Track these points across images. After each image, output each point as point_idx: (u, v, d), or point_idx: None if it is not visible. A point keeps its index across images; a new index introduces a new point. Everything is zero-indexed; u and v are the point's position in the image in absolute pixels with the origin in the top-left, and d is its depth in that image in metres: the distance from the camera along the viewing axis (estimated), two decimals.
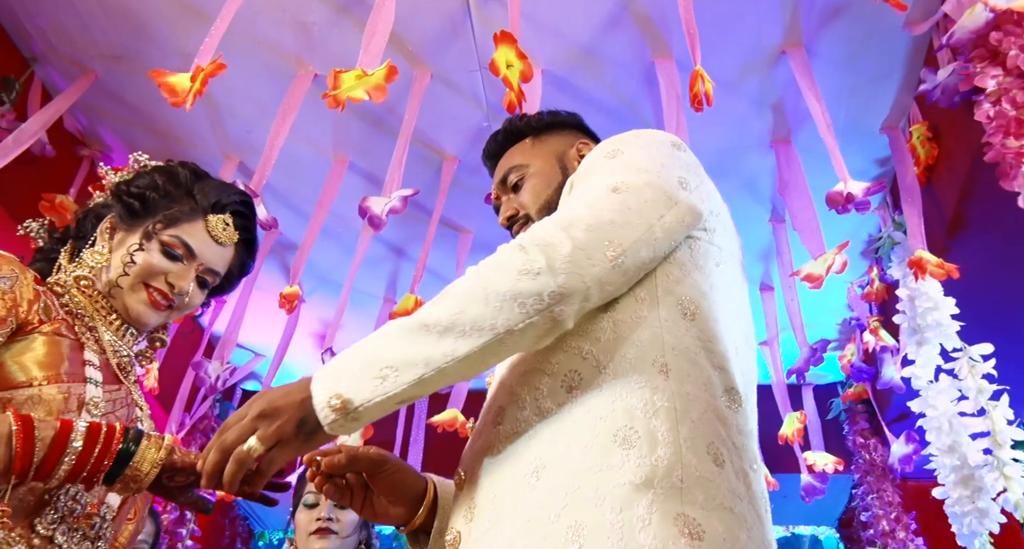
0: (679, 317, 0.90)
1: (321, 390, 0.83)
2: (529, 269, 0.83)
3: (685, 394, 0.84)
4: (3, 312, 1.07)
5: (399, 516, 1.07)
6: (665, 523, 0.74)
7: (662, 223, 0.91)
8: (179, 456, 1.04)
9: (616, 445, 0.79)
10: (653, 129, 1.09)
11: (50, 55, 2.55)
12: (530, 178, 1.22)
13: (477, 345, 0.82)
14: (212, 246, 1.29)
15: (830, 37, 2.37)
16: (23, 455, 0.95)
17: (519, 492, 0.82)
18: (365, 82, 1.79)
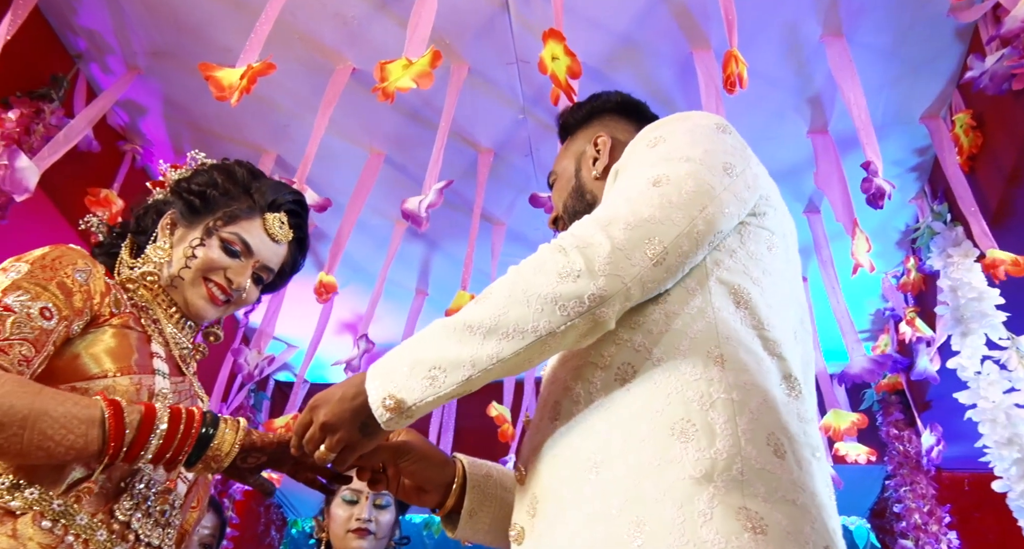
0: (732, 306, 0.89)
1: (375, 391, 0.87)
2: (569, 271, 0.83)
3: (742, 384, 0.83)
4: (80, 303, 1.10)
5: (431, 500, 1.10)
6: (727, 517, 0.74)
7: (704, 215, 0.89)
8: (257, 436, 1.08)
9: (674, 439, 0.79)
10: (696, 112, 1.06)
11: (95, 52, 2.60)
12: (556, 183, 1.25)
13: (521, 346, 0.84)
14: (268, 243, 1.31)
15: (871, 26, 2.35)
16: (115, 437, 0.98)
17: (579, 487, 0.83)
18: (411, 70, 1.80)
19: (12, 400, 0.94)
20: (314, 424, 0.94)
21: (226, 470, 1.08)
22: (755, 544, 0.71)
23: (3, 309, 1.02)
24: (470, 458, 1.14)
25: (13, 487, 0.99)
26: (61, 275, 1.10)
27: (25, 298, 1.04)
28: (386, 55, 2.52)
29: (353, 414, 0.90)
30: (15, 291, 1.05)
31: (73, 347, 1.10)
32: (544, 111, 2.72)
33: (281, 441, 1.08)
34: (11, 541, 0.95)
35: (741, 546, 0.71)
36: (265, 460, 1.09)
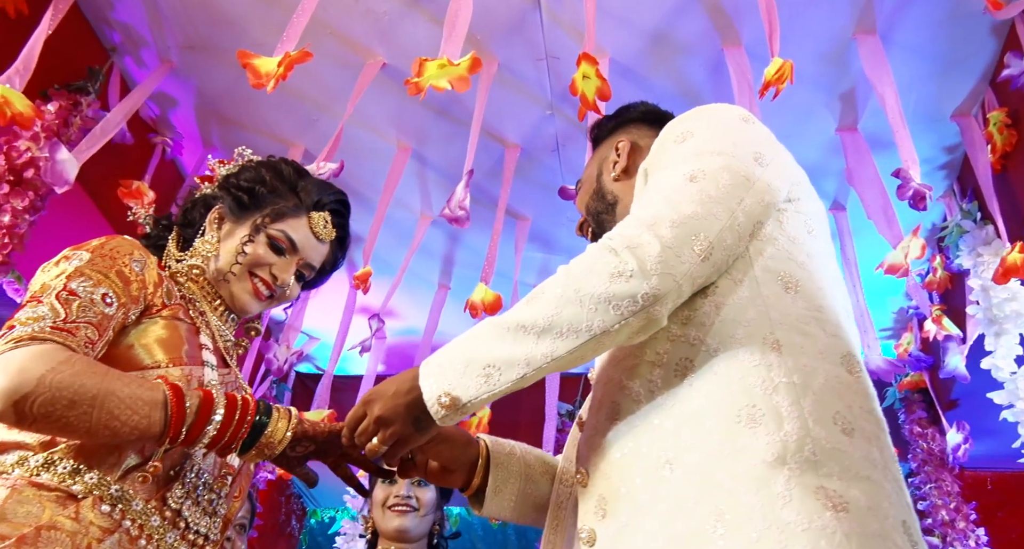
0: (781, 292, 0.90)
1: (430, 388, 0.90)
2: (621, 272, 0.85)
3: (802, 367, 0.84)
4: (136, 292, 1.13)
5: (457, 480, 1.14)
6: (806, 497, 0.74)
7: (743, 207, 0.91)
8: (308, 426, 1.10)
9: (741, 425, 0.80)
10: (717, 104, 1.06)
11: (129, 46, 2.63)
12: (580, 188, 1.29)
13: (575, 345, 0.86)
14: (313, 242, 1.33)
15: (904, 24, 2.34)
16: (176, 421, 1.01)
17: (654, 485, 0.84)
18: (448, 72, 1.82)
19: (83, 379, 0.97)
20: (368, 417, 0.96)
21: (275, 458, 1.11)
22: (838, 522, 0.73)
23: (68, 294, 1.05)
24: (492, 437, 1.18)
25: (74, 472, 1.02)
26: (119, 264, 1.13)
27: (88, 284, 1.07)
28: (417, 50, 2.54)
29: (407, 409, 0.93)
30: (79, 277, 1.08)
31: (127, 337, 1.13)
32: (572, 108, 2.73)
33: (331, 431, 1.10)
34: (75, 524, 0.98)
35: (825, 525, 0.72)
36: (313, 449, 1.11)
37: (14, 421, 0.96)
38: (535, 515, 1.17)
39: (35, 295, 1.06)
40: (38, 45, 2.03)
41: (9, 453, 1.04)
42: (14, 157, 2.07)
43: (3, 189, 2.02)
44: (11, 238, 2.00)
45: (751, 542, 0.73)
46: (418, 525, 1.99)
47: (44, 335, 0.99)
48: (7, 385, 0.94)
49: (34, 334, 0.99)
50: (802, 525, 0.73)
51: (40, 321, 1.01)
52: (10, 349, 0.97)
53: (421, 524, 2.00)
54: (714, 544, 0.76)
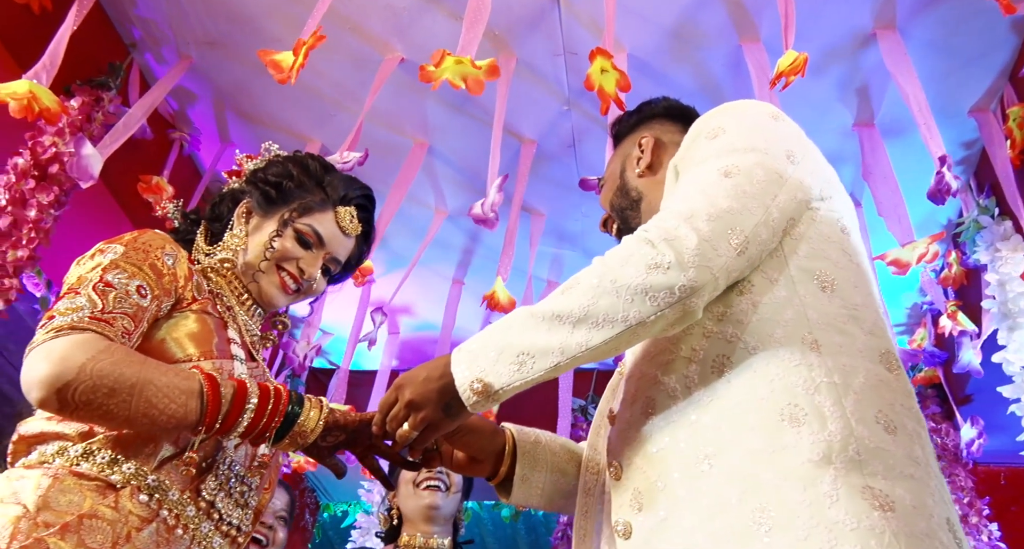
0: (818, 291, 0.91)
1: (462, 374, 0.91)
2: (659, 263, 0.86)
3: (842, 366, 0.84)
4: (168, 285, 1.15)
5: (484, 470, 1.15)
6: (853, 497, 0.75)
7: (777, 203, 0.92)
8: (340, 415, 1.11)
9: (784, 424, 0.81)
10: (746, 100, 1.07)
11: (149, 42, 2.64)
12: (604, 185, 1.29)
13: (610, 335, 0.86)
14: (339, 236, 1.34)
15: (924, 19, 2.34)
16: (212, 410, 1.02)
17: (693, 480, 0.84)
18: (466, 69, 1.83)
19: (123, 368, 0.98)
20: (399, 402, 0.97)
21: (306, 448, 1.11)
22: (886, 521, 0.73)
23: (105, 285, 1.07)
24: (517, 426, 1.19)
25: (112, 461, 1.03)
26: (152, 258, 1.14)
27: (123, 276, 1.09)
28: (435, 46, 2.54)
29: (438, 394, 0.94)
30: (114, 269, 1.09)
31: (159, 331, 1.14)
32: (589, 103, 2.73)
33: (362, 420, 1.12)
34: (114, 513, 1.00)
35: (873, 525, 0.73)
36: (344, 439, 1.12)
37: (56, 408, 0.97)
38: (562, 502, 1.18)
39: (72, 287, 1.07)
40: (63, 41, 2.04)
41: (49, 443, 1.06)
42: (39, 152, 2.09)
43: (29, 184, 2.03)
44: (37, 232, 2.02)
45: (799, 540, 0.74)
46: (448, 503, 1.98)
47: (83, 325, 1.01)
48: (50, 373, 0.95)
49: (74, 324, 1.00)
50: (851, 524, 0.73)
51: (79, 311, 1.02)
52: (51, 338, 0.99)
53: (450, 503, 1.99)
54: (759, 541, 0.76)
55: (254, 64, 2.68)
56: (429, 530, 1.95)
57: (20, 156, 2.09)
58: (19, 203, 2.01)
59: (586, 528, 1.07)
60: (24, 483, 0.99)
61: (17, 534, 0.92)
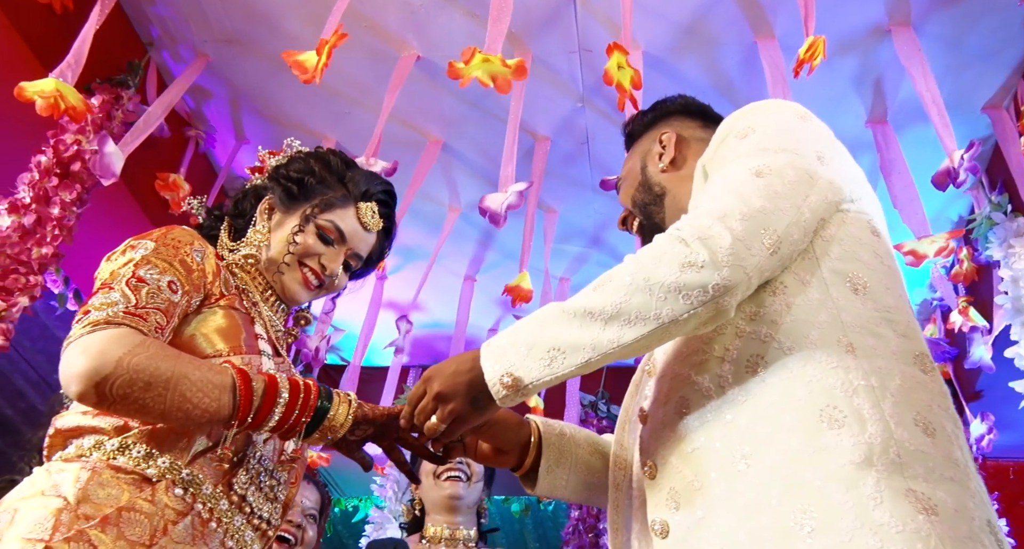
0: (850, 293, 0.91)
1: (492, 368, 0.91)
2: (693, 262, 0.86)
3: (878, 369, 0.84)
4: (197, 280, 1.15)
5: (509, 461, 1.16)
6: (898, 500, 0.75)
7: (808, 203, 0.92)
8: (368, 409, 1.12)
9: (823, 425, 0.81)
10: (774, 100, 1.08)
11: (166, 40, 2.66)
12: (623, 182, 1.29)
13: (642, 333, 0.86)
14: (360, 232, 1.34)
15: (938, 16, 2.35)
16: (244, 404, 1.03)
17: (730, 479, 0.84)
18: (493, 68, 1.84)
19: (158, 362, 0.99)
20: (428, 394, 0.98)
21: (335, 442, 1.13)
22: (931, 525, 0.74)
23: (137, 280, 1.07)
24: (542, 418, 1.19)
25: (148, 455, 1.04)
26: (182, 253, 1.15)
27: (155, 272, 1.10)
28: (451, 43, 2.57)
29: (467, 387, 0.95)
30: (146, 265, 1.10)
31: (188, 326, 1.15)
32: (603, 100, 2.75)
33: (390, 414, 1.12)
34: (151, 506, 1.01)
35: (919, 528, 0.73)
36: (372, 432, 1.13)
37: (95, 402, 0.98)
38: (586, 493, 1.19)
39: (105, 282, 1.08)
40: (87, 40, 2.06)
41: (85, 437, 1.07)
42: (61, 150, 2.11)
43: (52, 182, 2.05)
44: (60, 230, 2.04)
45: (845, 541, 0.74)
46: (470, 493, 1.97)
47: (118, 319, 1.02)
48: (88, 367, 0.96)
49: (109, 318, 1.01)
50: (896, 527, 0.74)
51: (113, 306, 1.03)
52: (88, 332, 0.99)
53: (472, 493, 1.98)
54: (802, 541, 0.76)
55: (270, 62, 2.71)
56: (453, 520, 1.95)
57: (43, 154, 2.11)
58: (43, 201, 2.03)
59: (618, 522, 1.09)
60: (64, 476, 1.01)
61: (59, 526, 0.93)
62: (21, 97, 1.92)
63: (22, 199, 2.01)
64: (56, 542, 0.92)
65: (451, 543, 1.93)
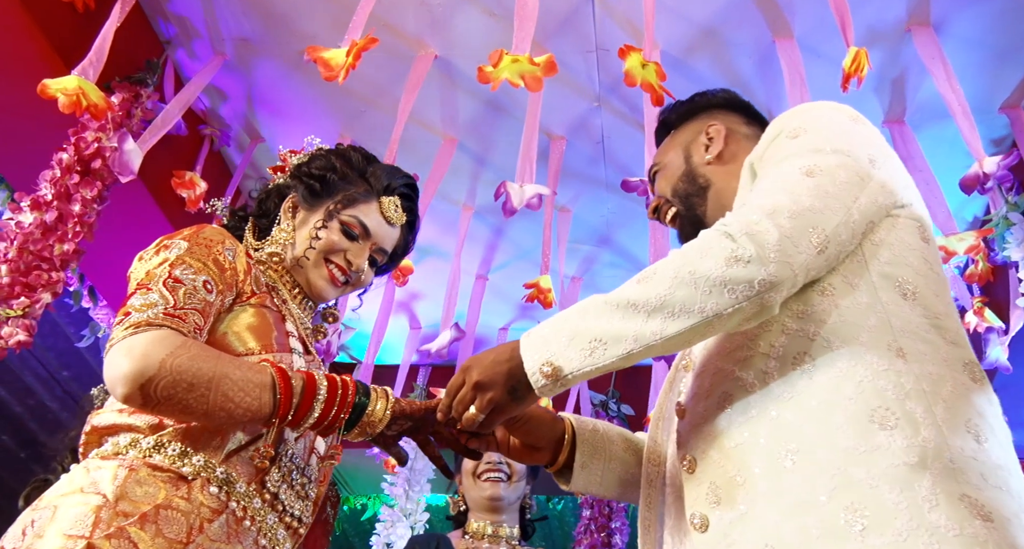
0: (900, 298, 0.90)
1: (532, 357, 0.92)
2: (739, 256, 0.86)
3: (928, 374, 0.84)
4: (229, 280, 1.16)
5: (543, 457, 1.16)
6: (953, 504, 0.75)
7: (858, 205, 0.92)
8: (405, 404, 1.12)
9: (875, 426, 0.80)
10: (826, 102, 1.07)
11: (183, 39, 2.66)
12: (662, 171, 1.27)
13: (686, 326, 0.86)
14: (384, 226, 1.35)
15: (959, 15, 2.35)
16: (285, 402, 1.04)
17: (776, 476, 0.84)
18: (522, 68, 1.84)
19: (200, 363, 1.00)
20: (467, 384, 0.98)
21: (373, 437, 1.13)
22: (987, 532, 0.73)
23: (174, 281, 1.08)
24: (575, 415, 1.20)
25: (182, 454, 1.05)
26: (214, 252, 1.16)
27: (190, 272, 1.10)
28: (470, 43, 2.57)
29: (505, 377, 0.95)
30: (181, 265, 1.11)
31: (221, 324, 1.15)
32: (619, 100, 2.75)
33: (427, 408, 1.13)
34: (187, 504, 1.02)
35: (976, 533, 0.73)
36: (408, 427, 1.13)
37: (140, 403, 0.99)
38: (620, 489, 1.20)
39: (142, 282, 1.09)
40: (108, 38, 2.06)
41: (121, 434, 1.08)
42: (82, 148, 2.12)
43: (73, 179, 2.06)
44: (82, 226, 2.04)
45: (899, 541, 0.74)
46: (511, 493, 1.95)
47: (159, 321, 1.02)
48: (133, 369, 0.97)
49: (150, 320, 1.02)
50: (953, 530, 0.73)
51: (153, 308, 1.04)
52: (130, 334, 1.00)
53: (514, 491, 1.96)
54: (853, 539, 0.76)
55: (286, 61, 2.71)
56: (496, 518, 1.94)
57: (64, 151, 2.11)
58: (64, 198, 2.04)
59: (650, 519, 1.09)
60: (102, 473, 1.01)
61: (99, 523, 0.94)
62: (44, 94, 1.92)
63: (44, 196, 2.02)
64: (97, 539, 0.93)
65: (494, 540, 1.92)
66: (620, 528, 3.26)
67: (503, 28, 2.49)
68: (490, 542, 1.90)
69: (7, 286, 1.83)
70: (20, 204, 1.99)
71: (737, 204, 1.06)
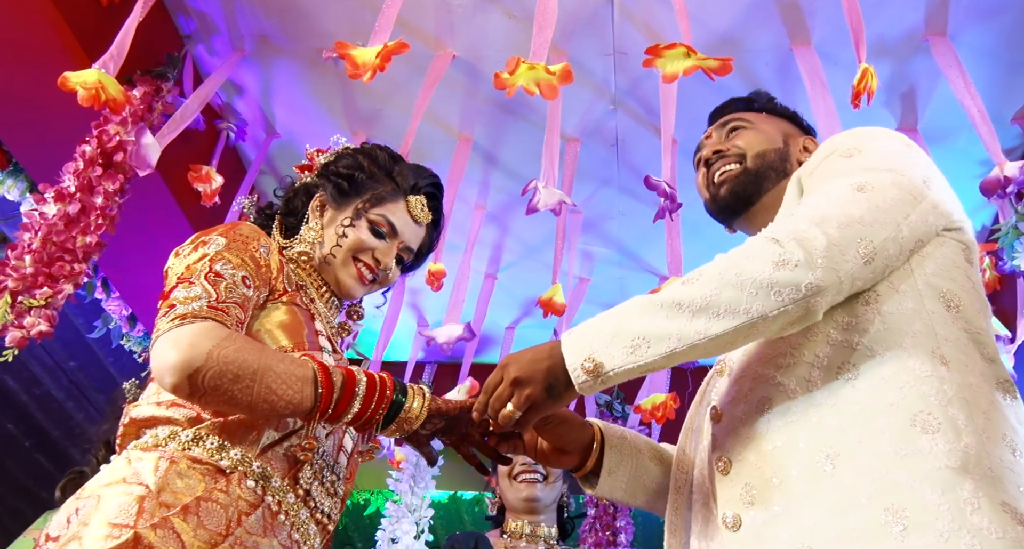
0: (943, 309, 0.93)
1: (573, 353, 0.93)
2: (787, 260, 0.87)
3: (969, 385, 0.86)
4: (264, 276, 1.18)
5: (570, 461, 1.17)
6: (995, 509, 0.76)
7: (908, 222, 0.94)
8: (441, 402, 1.14)
9: (917, 430, 0.82)
10: (880, 128, 1.10)
11: (203, 34, 2.68)
12: (751, 129, 1.24)
13: (730, 327, 0.87)
14: (411, 225, 1.37)
15: (975, 26, 2.38)
16: (326, 396, 1.05)
17: (814, 479, 0.86)
18: (538, 76, 1.86)
19: (245, 355, 1.02)
20: (505, 380, 0.99)
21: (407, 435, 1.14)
22: None
23: (216, 275, 1.10)
24: (603, 422, 1.21)
25: (220, 447, 1.07)
26: (251, 249, 1.18)
27: (230, 267, 1.12)
28: (488, 44, 2.59)
29: (543, 374, 0.96)
30: (220, 260, 1.13)
31: (255, 322, 1.17)
32: (636, 103, 2.77)
33: (462, 407, 1.14)
34: (226, 496, 1.03)
35: (1019, 537, 0.75)
36: (442, 426, 1.15)
37: (187, 393, 1.01)
38: (644, 498, 1.21)
39: (184, 276, 1.10)
40: (130, 32, 2.08)
41: (160, 427, 1.09)
42: (105, 141, 2.13)
43: (96, 171, 2.07)
44: (104, 219, 2.05)
45: (940, 542, 0.75)
46: (548, 494, 1.96)
47: (204, 313, 1.04)
48: (181, 359, 0.99)
49: (195, 312, 1.04)
50: (996, 533, 0.75)
51: (197, 301, 1.06)
52: (176, 326, 1.02)
53: (550, 492, 1.97)
54: (893, 539, 0.77)
55: (304, 58, 2.72)
56: (535, 519, 1.95)
57: (87, 144, 2.13)
58: (87, 190, 2.05)
59: (676, 523, 1.11)
60: (143, 464, 1.03)
61: (143, 512, 0.96)
62: (64, 87, 1.93)
63: (67, 188, 2.03)
64: (142, 528, 0.94)
65: (532, 540, 1.93)
66: (625, 527, 3.29)
67: (522, 30, 2.51)
68: (528, 541, 1.92)
69: (31, 276, 1.84)
70: (44, 195, 2.00)
71: (781, 215, 1.08)
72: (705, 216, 1.29)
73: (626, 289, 3.71)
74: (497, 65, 2.64)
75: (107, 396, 4.93)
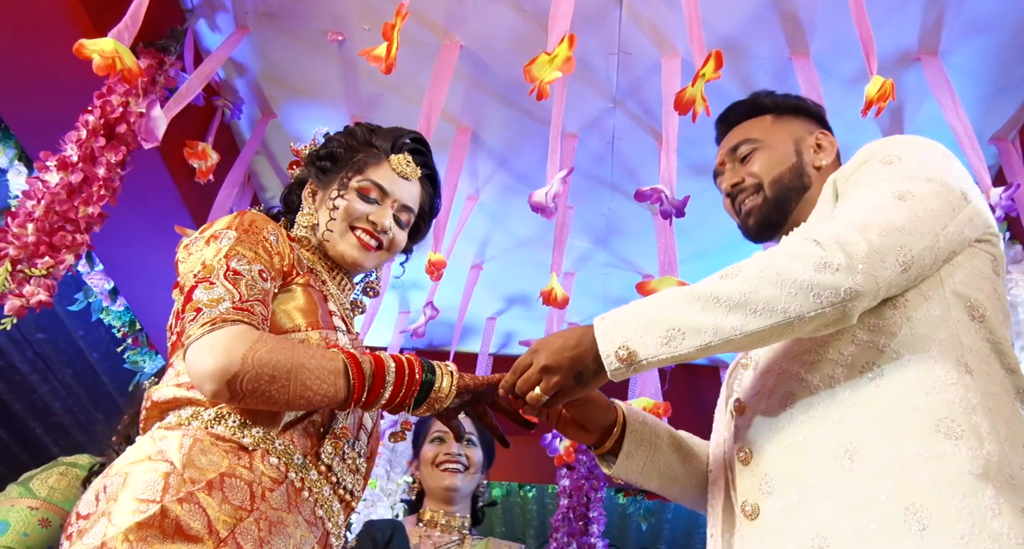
0: (968, 319, 0.95)
1: (607, 340, 0.95)
2: (828, 263, 0.89)
3: (992, 393, 0.89)
4: (278, 264, 1.19)
5: (589, 439, 1.20)
6: (1015, 515, 0.79)
7: (945, 233, 0.96)
8: (469, 379, 1.17)
9: (940, 435, 0.85)
10: (920, 137, 1.11)
11: (206, 9, 2.64)
12: (762, 151, 1.24)
13: (766, 324, 0.89)
14: (400, 182, 1.34)
15: (964, 47, 2.48)
16: (358, 386, 1.08)
17: (832, 473, 0.88)
18: (554, 62, 1.89)
19: (278, 355, 1.03)
20: (534, 366, 1.01)
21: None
22: None
23: (234, 273, 1.10)
24: (627, 405, 1.24)
25: (242, 425, 1.09)
26: (261, 238, 1.18)
27: (245, 262, 1.13)
28: (496, 35, 2.61)
29: (572, 361, 0.98)
30: (235, 256, 1.13)
31: (272, 304, 1.18)
32: (635, 103, 2.82)
33: (489, 383, 1.17)
34: (250, 473, 1.05)
35: None
36: (469, 399, 1.17)
37: (228, 398, 1.03)
38: (657, 482, 1.24)
39: (202, 276, 1.10)
40: (144, 2, 2.05)
41: (183, 408, 1.10)
42: (108, 111, 2.10)
43: (99, 142, 2.04)
44: (106, 190, 2.03)
45: (960, 544, 0.78)
46: (467, 484, 2.04)
47: (231, 316, 1.05)
48: (218, 366, 1.00)
49: (224, 316, 1.04)
50: (1016, 538, 0.78)
51: (221, 303, 1.06)
52: (208, 331, 1.03)
53: (470, 483, 2.05)
54: (913, 537, 0.80)
55: (309, 39, 2.70)
56: (449, 509, 2.03)
57: (90, 114, 2.10)
58: (89, 160, 2.02)
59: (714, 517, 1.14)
60: (168, 442, 1.04)
61: (169, 488, 0.97)
62: (80, 54, 1.90)
63: (70, 157, 2.00)
64: (169, 503, 0.96)
65: (446, 529, 2.00)
66: (597, 518, 3.36)
67: (530, 22, 2.54)
68: (442, 531, 1.99)
69: (33, 245, 1.82)
70: (46, 163, 1.97)
71: (814, 218, 1.11)
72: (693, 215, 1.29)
73: (609, 285, 3.77)
74: (503, 57, 2.68)
75: (74, 371, 4.83)
